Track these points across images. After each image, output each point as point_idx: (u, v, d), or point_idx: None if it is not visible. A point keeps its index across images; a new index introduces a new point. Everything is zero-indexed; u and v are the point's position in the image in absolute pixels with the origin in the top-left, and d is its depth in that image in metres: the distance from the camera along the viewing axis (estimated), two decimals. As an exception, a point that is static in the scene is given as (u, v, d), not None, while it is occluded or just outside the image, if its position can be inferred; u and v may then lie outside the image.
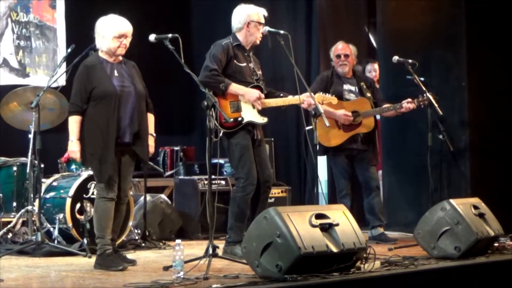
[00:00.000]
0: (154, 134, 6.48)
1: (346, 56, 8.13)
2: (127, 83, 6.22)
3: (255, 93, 6.69)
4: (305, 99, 6.69)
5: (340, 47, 8.18)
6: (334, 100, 7.08)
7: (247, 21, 6.80)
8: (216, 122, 6.42)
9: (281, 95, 6.88)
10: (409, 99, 7.78)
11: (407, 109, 7.81)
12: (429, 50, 8.84)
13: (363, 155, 8.07)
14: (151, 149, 6.45)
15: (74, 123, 6.13)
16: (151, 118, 6.46)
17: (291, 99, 6.79)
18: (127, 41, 6.25)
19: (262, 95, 6.72)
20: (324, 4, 10.00)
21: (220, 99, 6.61)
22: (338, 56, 8.14)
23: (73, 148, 6.12)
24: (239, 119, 6.66)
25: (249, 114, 6.70)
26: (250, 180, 6.65)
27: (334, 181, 8.27)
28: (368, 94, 8.07)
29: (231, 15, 6.91)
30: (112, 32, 6.20)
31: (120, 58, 6.33)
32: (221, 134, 6.61)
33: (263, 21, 6.81)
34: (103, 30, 6.24)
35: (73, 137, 6.12)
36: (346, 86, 8.11)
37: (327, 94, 7.10)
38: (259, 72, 6.90)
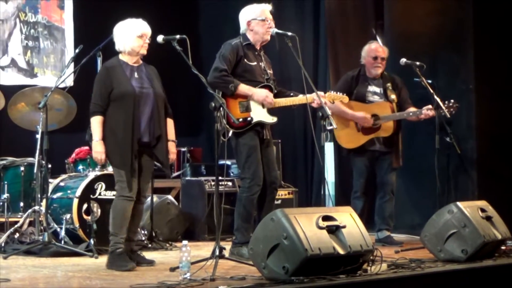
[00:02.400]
0: (176, 140, 6.51)
1: (383, 59, 8.08)
2: (146, 85, 6.28)
3: (263, 92, 6.69)
4: (315, 98, 6.68)
5: (380, 50, 8.12)
6: (345, 99, 7.08)
7: (247, 20, 6.82)
8: (225, 122, 6.43)
9: (292, 94, 6.88)
10: (430, 106, 7.72)
11: (426, 116, 7.76)
12: (436, 52, 8.84)
13: (384, 157, 8.05)
14: (173, 155, 6.50)
15: (97, 123, 6.16)
16: (170, 123, 6.51)
17: (301, 98, 6.78)
18: (148, 42, 6.33)
19: (271, 94, 6.72)
20: (332, 6, 10.00)
21: (229, 99, 6.63)
22: (375, 58, 8.07)
23: (97, 148, 6.15)
24: (249, 119, 6.66)
25: (259, 114, 6.70)
26: (256, 180, 6.65)
27: (353, 180, 8.22)
28: (393, 96, 8.01)
29: (238, 17, 6.94)
30: (135, 31, 6.28)
31: (140, 61, 6.38)
32: (230, 134, 6.61)
33: (264, 16, 6.79)
34: (125, 31, 6.30)
35: (96, 137, 6.15)
36: (371, 88, 8.07)
37: (338, 92, 7.10)
38: (270, 72, 6.90)
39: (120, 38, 6.33)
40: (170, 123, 6.51)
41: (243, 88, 6.66)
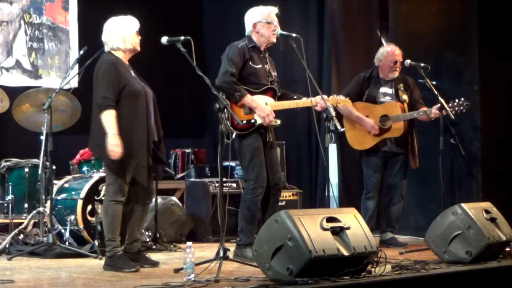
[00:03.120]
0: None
1: (401, 63, 8.05)
2: (143, 84, 6.27)
3: (266, 110, 6.67)
4: (318, 102, 6.68)
5: (397, 53, 8.03)
6: (348, 102, 7.09)
7: (253, 22, 6.83)
8: (229, 124, 6.44)
9: (295, 97, 6.88)
10: (439, 105, 7.70)
11: (436, 115, 7.73)
12: (441, 53, 8.84)
13: (396, 159, 8.01)
14: None
15: (111, 116, 5.99)
16: None
17: (304, 101, 6.78)
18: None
19: (273, 114, 6.70)
20: (336, 7, 9.99)
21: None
22: (395, 62, 8.00)
23: (115, 141, 5.94)
24: (252, 121, 6.67)
25: None
26: (260, 182, 6.65)
27: (363, 181, 8.15)
28: (404, 97, 7.95)
29: (243, 18, 6.94)
30: (133, 28, 6.27)
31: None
32: (233, 136, 6.62)
33: (270, 19, 6.79)
34: (122, 29, 6.25)
35: (113, 130, 5.96)
36: (383, 89, 8.02)
37: (340, 96, 7.10)
38: (274, 74, 6.91)
39: (119, 36, 6.24)
40: None
41: (248, 99, 6.65)
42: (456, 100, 7.65)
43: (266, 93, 6.78)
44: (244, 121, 6.63)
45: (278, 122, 6.78)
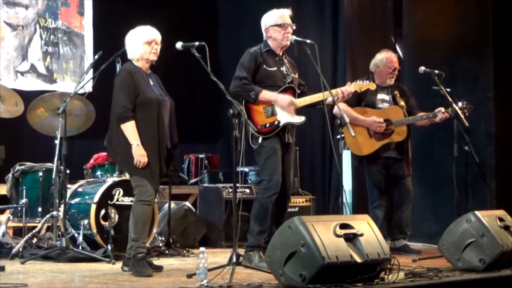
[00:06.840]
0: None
1: (399, 70, 8.08)
2: (162, 93, 6.33)
3: (286, 98, 6.68)
4: (345, 88, 6.67)
5: (395, 60, 8.06)
6: (372, 85, 7.10)
7: (266, 27, 6.85)
8: (252, 130, 6.44)
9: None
10: (442, 109, 7.69)
11: (441, 120, 7.73)
12: (456, 60, 8.81)
13: (399, 165, 7.97)
14: None
15: (132, 127, 6.14)
16: None
17: (320, 95, 6.71)
18: (157, 48, 6.35)
19: (295, 100, 6.70)
20: (351, 13, 10.00)
21: (252, 105, 6.63)
22: (394, 69, 8.03)
23: (141, 152, 6.09)
24: (276, 122, 6.64)
25: (285, 116, 6.67)
26: (272, 183, 6.60)
27: (367, 190, 8.13)
28: (402, 103, 7.98)
29: (258, 24, 6.95)
30: (141, 38, 6.32)
31: (149, 69, 6.40)
32: (260, 141, 6.59)
33: (281, 21, 6.78)
34: (133, 39, 6.37)
35: (137, 141, 6.11)
36: (380, 96, 8.01)
37: (365, 81, 7.09)
38: (294, 76, 6.86)
39: (130, 47, 6.39)
40: None
41: (265, 94, 6.64)
42: (460, 103, 7.63)
43: (286, 92, 6.75)
44: (267, 124, 6.62)
45: (303, 118, 6.73)
